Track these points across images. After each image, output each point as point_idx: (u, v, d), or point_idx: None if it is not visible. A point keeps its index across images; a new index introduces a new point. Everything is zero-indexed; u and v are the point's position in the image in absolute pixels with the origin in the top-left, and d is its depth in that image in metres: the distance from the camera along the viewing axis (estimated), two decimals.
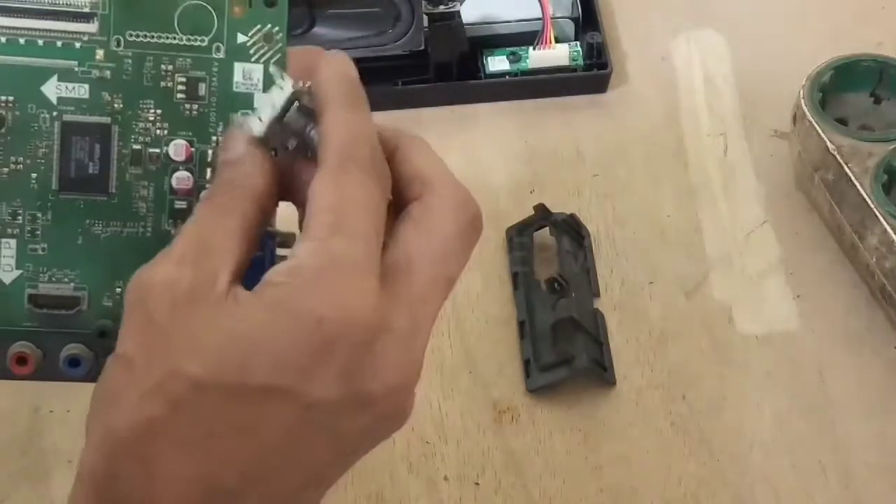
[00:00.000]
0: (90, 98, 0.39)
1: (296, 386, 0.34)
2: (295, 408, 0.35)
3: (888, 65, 0.63)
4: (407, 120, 0.68)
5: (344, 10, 0.66)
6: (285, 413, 0.35)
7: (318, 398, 0.35)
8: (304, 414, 0.35)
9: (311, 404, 0.35)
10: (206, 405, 0.34)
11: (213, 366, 0.34)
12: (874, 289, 0.60)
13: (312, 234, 0.36)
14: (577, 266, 0.61)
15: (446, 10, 0.65)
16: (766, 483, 0.55)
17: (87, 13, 0.39)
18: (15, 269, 0.40)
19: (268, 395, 0.34)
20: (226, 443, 0.35)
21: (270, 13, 0.39)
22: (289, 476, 0.36)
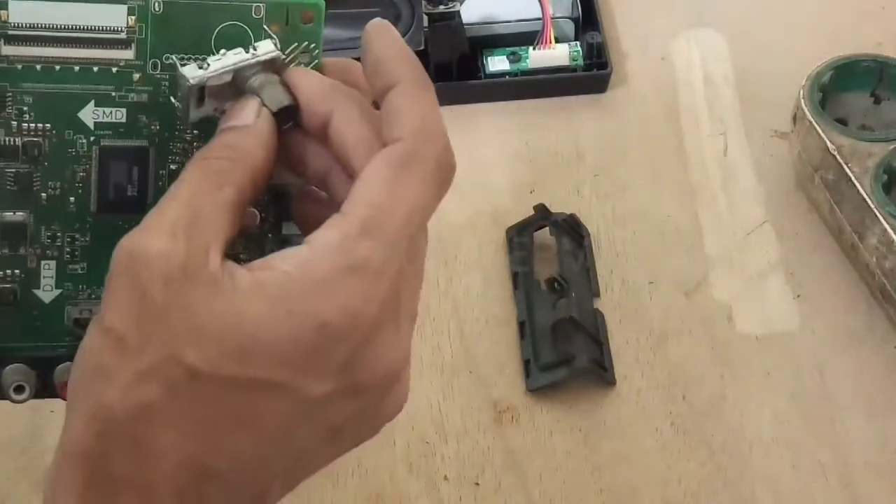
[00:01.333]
0: (127, 122, 0.39)
1: (293, 381, 0.34)
2: (291, 402, 0.35)
3: (888, 65, 0.63)
4: None
5: (344, 10, 0.65)
6: (281, 406, 0.35)
7: (314, 394, 0.35)
8: (298, 407, 0.35)
9: (307, 399, 0.35)
10: (204, 393, 0.34)
11: (213, 356, 0.34)
12: (874, 289, 0.60)
13: (342, 225, 0.35)
14: (577, 266, 0.61)
15: (446, 10, 0.65)
16: (766, 483, 0.55)
17: (124, 39, 0.38)
18: (55, 289, 0.39)
19: (265, 389, 0.34)
20: (220, 431, 0.34)
21: (306, 29, 0.39)
22: (277, 463, 0.36)
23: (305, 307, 0.34)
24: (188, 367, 0.34)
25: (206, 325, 0.34)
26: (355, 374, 0.35)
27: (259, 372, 0.34)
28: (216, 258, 0.35)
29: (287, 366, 0.34)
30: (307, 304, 0.34)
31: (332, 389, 0.35)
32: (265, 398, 0.34)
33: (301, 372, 0.34)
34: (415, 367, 0.59)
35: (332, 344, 0.34)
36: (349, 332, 0.34)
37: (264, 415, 0.35)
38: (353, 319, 0.34)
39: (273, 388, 0.34)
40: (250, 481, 0.35)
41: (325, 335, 0.34)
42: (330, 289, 0.34)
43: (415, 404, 0.58)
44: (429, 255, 0.64)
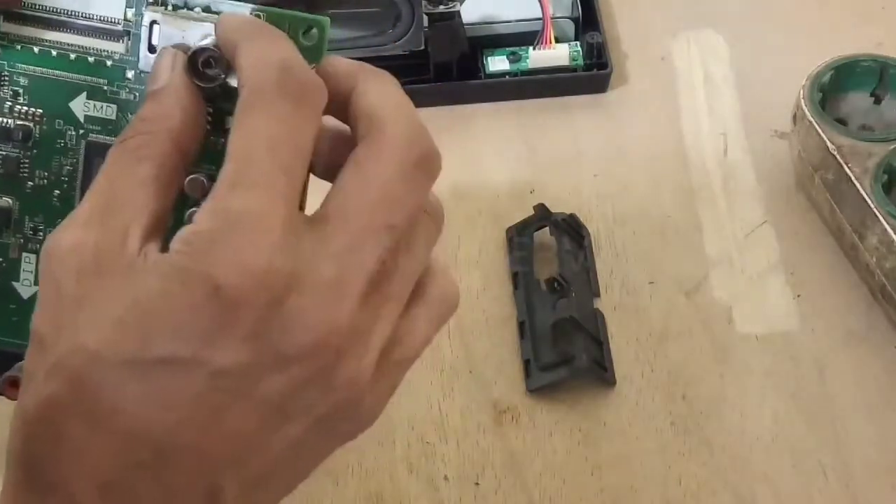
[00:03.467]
0: (116, 119, 0.38)
1: (198, 354, 0.33)
2: (201, 376, 0.33)
3: (888, 65, 0.63)
4: None
5: (344, 10, 0.65)
6: (191, 382, 0.33)
7: (225, 365, 0.33)
8: (212, 382, 0.33)
9: (218, 371, 0.33)
10: (108, 380, 0.33)
11: (111, 339, 0.33)
12: (874, 289, 0.60)
13: (213, 191, 0.33)
14: (577, 266, 0.61)
15: (446, 10, 0.65)
16: (766, 483, 0.55)
17: (120, 32, 0.38)
18: (34, 285, 0.39)
19: (170, 366, 0.33)
20: (133, 417, 0.33)
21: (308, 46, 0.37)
22: (213, 447, 0.34)
23: (194, 276, 0.32)
24: (89, 353, 0.33)
25: (109, 309, 0.33)
26: (273, 341, 0.33)
27: (160, 350, 0.33)
28: (135, 241, 0.33)
29: (188, 339, 0.33)
30: (196, 272, 0.32)
31: (248, 360, 0.33)
32: (172, 376, 0.33)
33: (204, 343, 0.33)
34: (415, 367, 0.59)
35: (231, 309, 0.32)
36: (249, 293, 0.32)
37: (175, 395, 0.33)
38: (249, 277, 0.32)
39: (178, 363, 0.33)
40: (187, 471, 0.34)
41: (222, 300, 0.32)
42: (215, 251, 0.32)
43: (415, 404, 0.58)
44: None
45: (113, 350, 0.33)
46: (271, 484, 0.36)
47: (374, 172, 0.35)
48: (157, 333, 0.33)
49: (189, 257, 0.33)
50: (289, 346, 0.33)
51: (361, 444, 0.56)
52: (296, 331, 0.33)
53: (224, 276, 0.32)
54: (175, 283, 0.32)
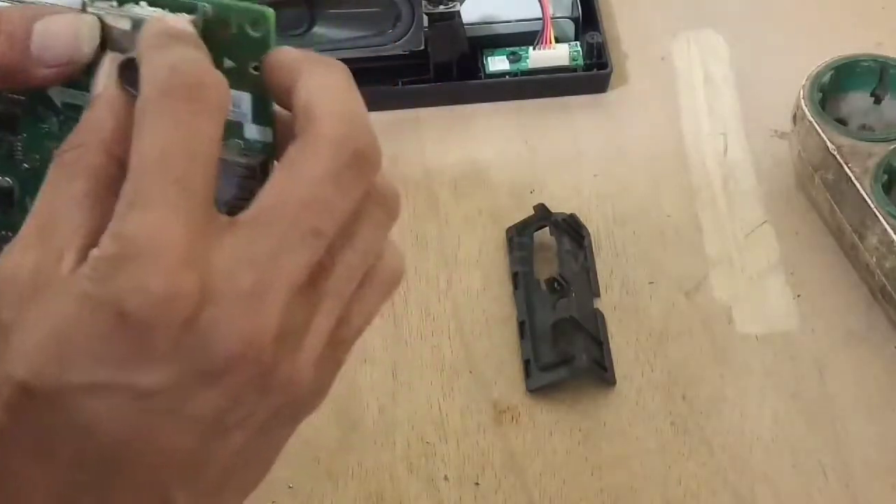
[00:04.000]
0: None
1: (118, 379, 0.32)
2: (126, 400, 0.32)
3: (888, 65, 0.63)
4: (407, 120, 0.68)
5: (344, 10, 0.66)
6: (117, 407, 0.32)
7: (148, 386, 0.32)
8: (138, 404, 0.32)
9: (142, 394, 0.32)
10: (38, 409, 0.32)
11: (35, 368, 0.32)
12: (874, 289, 0.60)
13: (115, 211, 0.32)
14: (577, 266, 0.61)
15: (446, 10, 0.65)
16: (766, 483, 0.55)
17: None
18: None
19: (92, 393, 0.32)
20: (67, 445, 0.32)
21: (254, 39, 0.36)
22: (153, 469, 0.33)
23: (101, 303, 0.31)
24: (19, 384, 0.32)
25: (36, 335, 0.32)
26: (194, 359, 0.32)
27: (80, 376, 0.32)
28: (69, 261, 0.32)
29: (104, 365, 0.32)
30: (102, 299, 0.31)
31: (170, 380, 0.32)
32: (97, 403, 0.32)
33: (122, 368, 0.32)
34: (415, 367, 0.60)
35: (143, 333, 0.31)
36: (157, 316, 0.31)
37: (104, 421, 0.32)
38: (154, 301, 0.31)
39: (100, 390, 0.32)
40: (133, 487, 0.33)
41: (131, 326, 0.31)
42: (117, 276, 0.31)
43: (415, 404, 0.58)
44: (429, 255, 0.64)
45: (37, 379, 0.32)
46: (226, 491, 0.35)
47: (302, 173, 0.33)
48: (75, 360, 0.32)
49: (94, 283, 0.31)
50: (210, 361, 0.32)
51: (361, 445, 0.56)
52: (215, 345, 0.32)
53: (128, 302, 0.31)
54: (85, 309, 0.32)
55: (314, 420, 0.58)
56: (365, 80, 0.73)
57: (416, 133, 0.68)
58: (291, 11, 0.65)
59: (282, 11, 0.68)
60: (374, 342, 0.60)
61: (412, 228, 0.64)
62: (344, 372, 0.60)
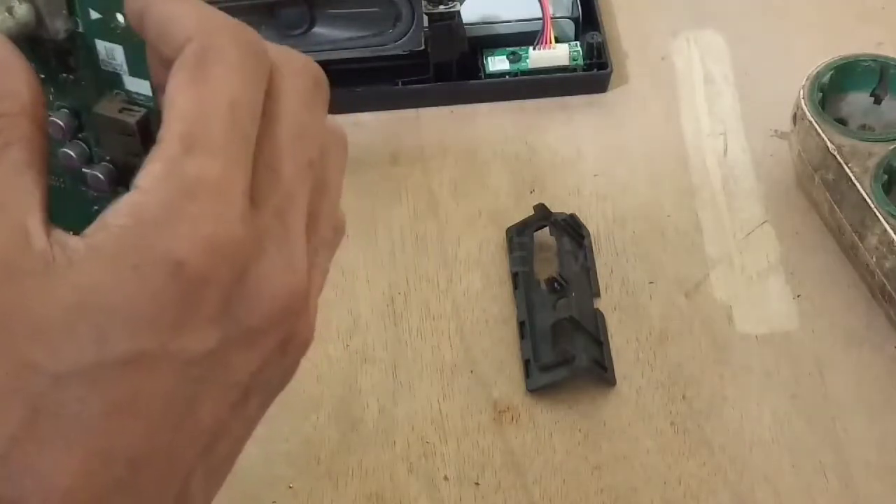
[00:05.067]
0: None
1: (167, 345, 0.29)
2: (172, 369, 0.29)
3: (888, 65, 0.63)
4: (407, 120, 0.68)
5: (344, 10, 0.65)
6: (163, 378, 0.29)
7: (196, 351, 0.29)
8: (184, 373, 0.29)
9: (189, 360, 0.29)
10: (71, 396, 0.28)
11: (67, 349, 0.28)
12: (874, 289, 0.60)
13: (161, 153, 0.29)
14: (577, 266, 0.61)
15: (446, 10, 0.65)
16: (766, 483, 0.55)
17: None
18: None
19: (137, 366, 0.29)
20: (103, 432, 0.29)
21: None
22: (187, 445, 0.30)
23: (151, 254, 0.28)
24: (41, 370, 0.28)
25: (50, 316, 0.28)
26: (239, 315, 0.30)
27: (124, 347, 0.28)
28: (38, 235, 0.29)
29: (151, 330, 0.29)
30: (151, 249, 0.28)
31: (217, 342, 0.30)
32: (140, 376, 0.29)
33: (173, 330, 0.29)
34: (415, 367, 0.60)
35: (197, 286, 0.29)
36: (213, 266, 0.29)
37: (147, 396, 0.29)
38: (213, 249, 0.29)
39: (144, 360, 0.29)
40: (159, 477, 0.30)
41: (185, 278, 0.28)
42: (172, 223, 0.28)
43: (415, 404, 0.58)
44: (429, 255, 0.64)
45: (70, 361, 0.28)
46: (226, 466, 0.33)
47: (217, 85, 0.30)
48: (116, 330, 0.28)
49: (140, 232, 0.28)
50: (256, 319, 0.30)
51: (361, 445, 0.56)
52: (263, 302, 0.30)
53: (186, 251, 0.28)
54: (126, 267, 0.28)
55: (314, 420, 0.58)
56: (365, 80, 0.74)
57: (416, 133, 0.68)
58: (291, 11, 0.65)
59: (282, 11, 0.68)
60: (374, 342, 0.60)
61: (412, 228, 0.64)
62: (344, 372, 0.60)
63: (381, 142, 0.67)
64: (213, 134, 0.30)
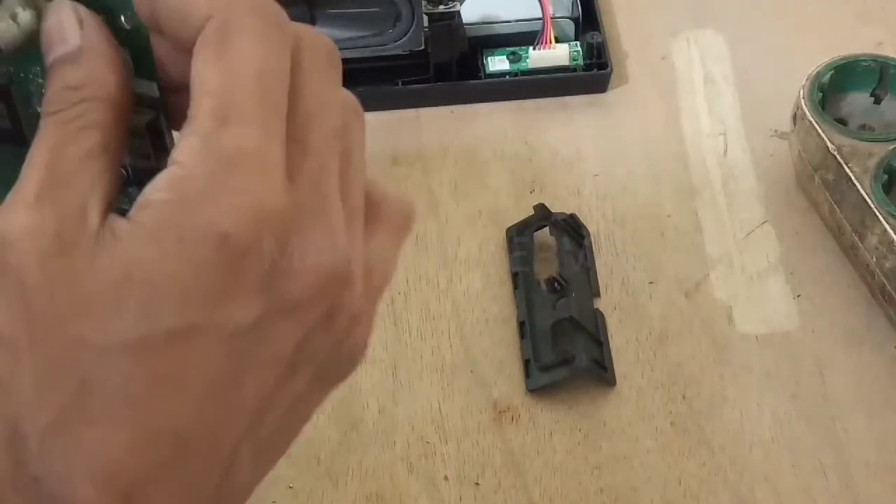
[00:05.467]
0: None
1: (213, 318, 0.29)
2: (218, 342, 0.29)
3: (888, 65, 0.63)
4: (407, 120, 0.68)
5: (344, 10, 0.66)
6: (209, 351, 0.29)
7: (242, 323, 0.29)
8: (230, 345, 0.29)
9: (236, 332, 0.29)
10: (118, 370, 0.29)
11: (116, 324, 0.28)
12: (874, 288, 0.60)
13: (196, 127, 0.29)
14: (577, 266, 0.61)
15: (446, 10, 0.65)
16: (766, 483, 0.55)
17: None
18: None
19: (184, 339, 0.29)
20: (150, 407, 0.29)
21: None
22: (232, 419, 0.30)
23: (195, 226, 0.29)
24: (90, 344, 0.29)
25: (97, 291, 0.29)
26: (281, 287, 0.30)
27: (169, 321, 0.29)
28: (95, 216, 0.29)
29: (199, 302, 0.29)
30: (196, 222, 0.29)
31: (261, 313, 0.30)
32: (187, 350, 0.29)
33: (219, 302, 0.29)
34: (415, 367, 0.60)
35: (241, 258, 0.29)
36: (256, 237, 0.29)
37: (194, 370, 0.29)
38: (256, 219, 0.29)
39: (192, 333, 0.29)
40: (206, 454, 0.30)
41: (230, 249, 0.29)
42: (215, 195, 0.29)
43: (415, 404, 0.58)
44: (429, 255, 0.64)
45: (119, 335, 0.29)
46: (276, 446, 0.33)
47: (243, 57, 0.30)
48: (163, 304, 0.29)
49: (183, 206, 0.29)
50: (298, 291, 0.30)
51: (361, 445, 0.56)
52: (302, 274, 0.30)
53: (230, 222, 0.29)
54: (171, 240, 0.29)
55: (314, 420, 0.58)
56: (365, 80, 0.74)
57: (416, 133, 0.68)
58: (291, 11, 0.65)
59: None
60: (375, 342, 0.60)
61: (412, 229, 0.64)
62: None
63: (381, 142, 0.67)
64: (245, 105, 0.30)
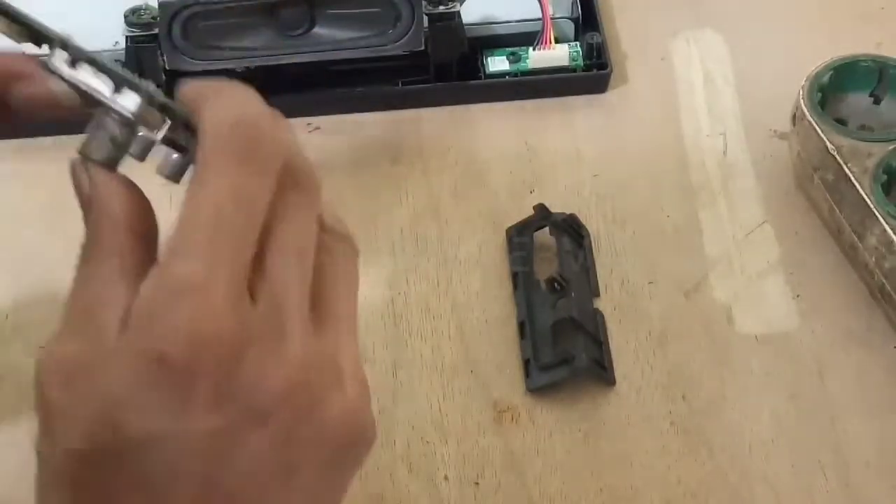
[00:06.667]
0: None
1: (172, 426, 0.32)
2: (182, 447, 0.33)
3: (888, 65, 0.63)
4: (407, 120, 0.68)
5: (344, 10, 0.65)
6: (175, 457, 0.33)
7: (203, 430, 0.33)
8: (197, 449, 0.33)
9: (201, 440, 0.33)
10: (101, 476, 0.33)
11: (89, 435, 0.33)
12: (874, 289, 0.60)
13: (159, 259, 0.34)
14: (577, 266, 0.61)
15: (446, 10, 0.65)
16: (766, 483, 0.55)
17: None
18: None
19: (151, 445, 0.32)
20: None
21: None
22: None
23: (143, 346, 0.32)
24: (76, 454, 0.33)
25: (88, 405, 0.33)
26: (243, 400, 0.33)
27: (136, 431, 0.32)
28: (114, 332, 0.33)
29: (154, 414, 0.32)
30: (140, 343, 0.32)
31: (222, 424, 0.33)
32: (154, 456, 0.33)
33: (172, 415, 0.32)
34: (415, 368, 0.60)
35: (186, 378, 0.32)
36: (198, 360, 0.32)
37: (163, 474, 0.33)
38: (195, 344, 0.32)
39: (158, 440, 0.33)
40: None
41: (172, 370, 0.32)
42: (156, 320, 0.32)
43: (415, 404, 0.58)
44: (429, 255, 0.64)
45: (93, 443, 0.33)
46: None
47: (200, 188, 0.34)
48: (127, 416, 0.32)
49: (133, 332, 0.33)
50: (260, 400, 0.33)
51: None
52: (261, 384, 0.33)
53: (168, 343, 0.32)
54: (128, 362, 0.32)
55: None
56: (365, 80, 0.74)
57: (416, 133, 0.68)
58: (291, 11, 0.65)
59: (282, 11, 0.68)
60: (374, 342, 0.60)
61: (412, 229, 0.64)
62: None
63: (381, 142, 0.67)
64: (194, 237, 0.33)
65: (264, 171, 0.34)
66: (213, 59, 0.65)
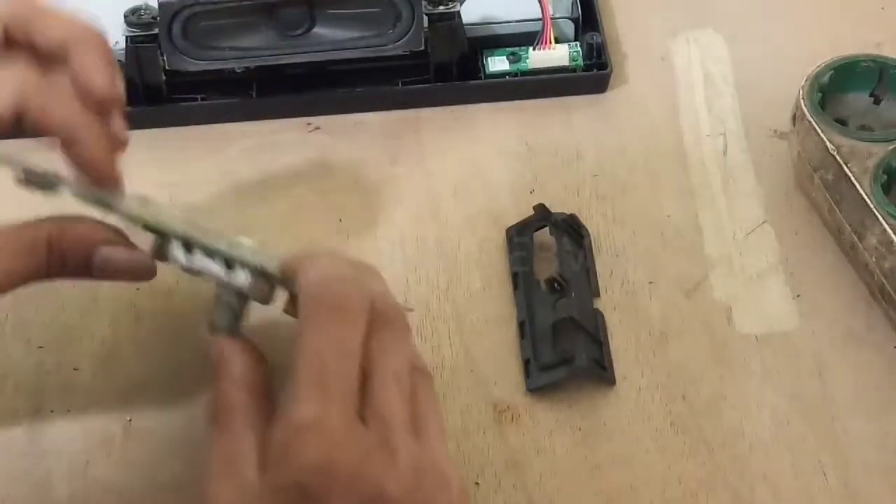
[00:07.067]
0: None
1: None
2: None
3: (888, 65, 0.63)
4: (407, 120, 0.68)
5: (344, 10, 0.65)
6: None
7: None
8: None
9: None
10: None
11: None
12: (874, 289, 0.60)
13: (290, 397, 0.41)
14: (577, 266, 0.61)
15: (446, 10, 0.65)
16: (766, 483, 0.55)
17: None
18: None
19: None
20: None
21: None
22: None
23: (283, 481, 0.40)
24: None
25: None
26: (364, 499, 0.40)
27: None
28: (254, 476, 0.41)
29: None
30: (283, 478, 0.40)
31: None
32: None
33: None
34: None
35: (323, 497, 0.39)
36: (331, 479, 0.39)
37: None
38: (327, 468, 0.39)
39: None
40: None
41: (311, 493, 0.39)
42: (291, 456, 0.40)
43: None
44: (429, 255, 0.64)
45: None
46: None
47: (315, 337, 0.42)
48: None
49: (272, 471, 0.40)
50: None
51: None
52: (384, 491, 0.40)
53: (304, 475, 0.39)
54: (273, 497, 0.40)
55: None
56: (365, 80, 0.74)
57: (416, 133, 0.68)
58: (291, 11, 0.65)
59: (282, 11, 0.68)
60: None
61: (412, 229, 0.64)
62: None
63: (381, 142, 0.67)
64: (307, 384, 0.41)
65: (354, 318, 0.43)
66: (214, 59, 0.65)
